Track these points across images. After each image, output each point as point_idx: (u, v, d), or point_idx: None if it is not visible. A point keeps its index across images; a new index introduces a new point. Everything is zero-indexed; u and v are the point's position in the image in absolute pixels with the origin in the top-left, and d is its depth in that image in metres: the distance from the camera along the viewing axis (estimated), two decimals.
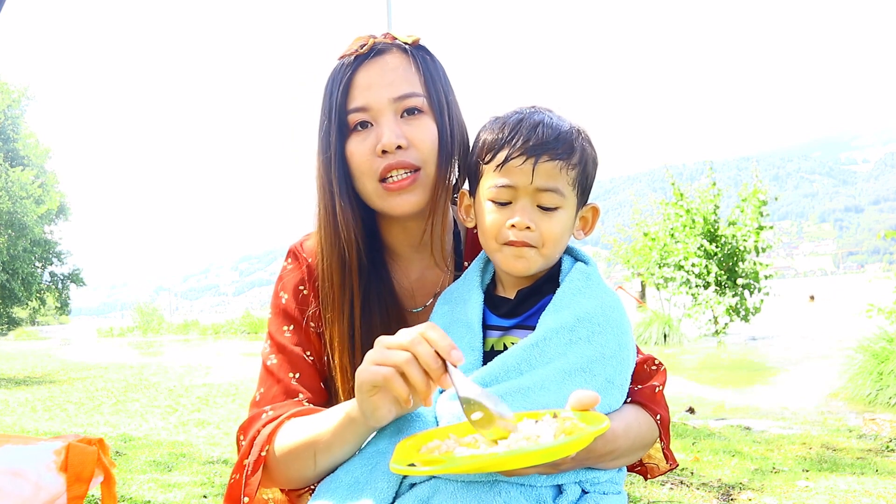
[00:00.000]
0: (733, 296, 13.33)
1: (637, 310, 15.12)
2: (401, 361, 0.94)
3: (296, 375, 1.25)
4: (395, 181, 1.20)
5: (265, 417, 1.19)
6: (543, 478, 1.00)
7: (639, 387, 1.16)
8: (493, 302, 1.17)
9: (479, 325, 1.14)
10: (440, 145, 1.23)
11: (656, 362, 1.21)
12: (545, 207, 1.09)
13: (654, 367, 1.20)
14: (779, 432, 4.78)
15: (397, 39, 1.26)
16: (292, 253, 1.35)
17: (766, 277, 13.40)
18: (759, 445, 4.30)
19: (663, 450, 1.22)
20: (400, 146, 1.19)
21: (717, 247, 13.27)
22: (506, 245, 1.10)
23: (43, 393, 8.73)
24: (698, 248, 13.23)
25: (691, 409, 5.76)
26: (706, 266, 13.24)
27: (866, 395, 6.02)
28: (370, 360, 0.98)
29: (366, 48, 1.23)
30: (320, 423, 1.10)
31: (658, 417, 1.15)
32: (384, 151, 1.19)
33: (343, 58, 1.24)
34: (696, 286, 13.57)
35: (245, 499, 1.12)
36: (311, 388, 1.25)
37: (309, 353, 1.28)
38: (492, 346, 1.14)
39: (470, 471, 0.87)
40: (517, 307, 1.14)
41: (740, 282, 13.19)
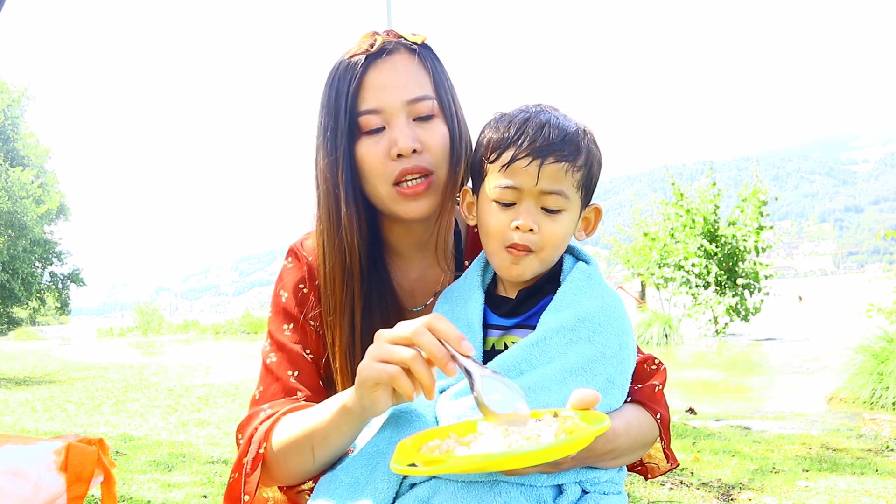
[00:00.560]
0: (733, 296, 13.34)
1: (637, 310, 15.11)
2: (407, 358, 0.93)
3: (295, 373, 1.25)
4: (409, 186, 1.19)
5: (262, 415, 1.19)
6: (544, 478, 1.00)
7: (639, 386, 1.16)
8: (493, 301, 1.17)
9: (480, 324, 1.14)
10: (451, 148, 1.22)
11: (656, 362, 1.21)
12: (549, 210, 1.09)
13: (654, 367, 1.20)
14: (779, 432, 4.78)
15: (402, 38, 1.24)
16: (292, 252, 1.35)
17: (767, 277, 13.42)
18: (759, 445, 4.30)
19: (664, 449, 1.21)
20: (415, 150, 1.18)
21: (717, 247, 13.28)
22: (506, 248, 1.10)
23: (43, 393, 8.73)
24: (698, 248, 13.25)
25: (691, 409, 5.75)
26: (706, 266, 13.25)
27: (866, 396, 6.01)
28: (373, 356, 0.97)
29: (375, 48, 1.20)
30: (316, 415, 1.10)
31: (658, 416, 1.15)
32: (399, 155, 1.18)
33: (353, 57, 1.21)
34: (696, 286, 13.59)
35: (245, 497, 1.12)
36: (310, 387, 1.25)
37: (309, 351, 1.28)
38: (492, 345, 1.14)
39: (470, 471, 0.86)
40: (518, 307, 1.14)
41: (740, 282, 13.20)
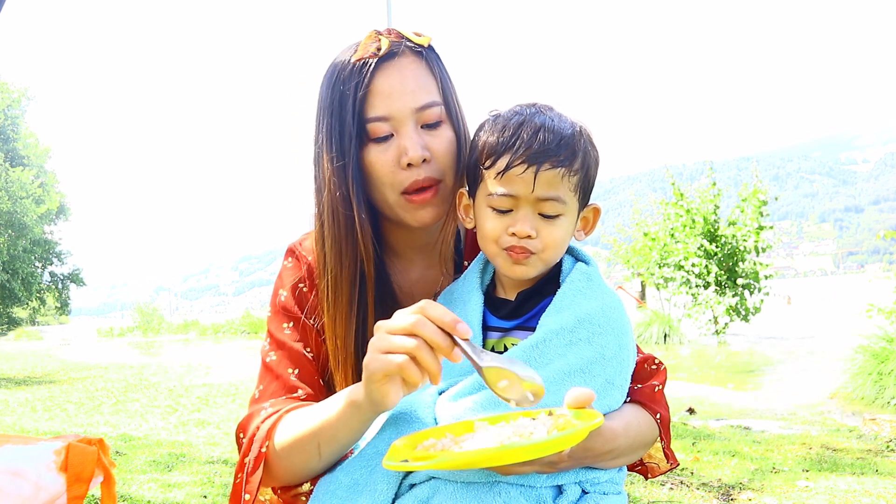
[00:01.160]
0: (733, 296, 13.33)
1: (637, 310, 15.10)
2: (412, 347, 0.93)
3: (295, 371, 1.25)
4: (419, 195, 1.19)
5: (264, 413, 1.19)
6: (543, 478, 1.00)
7: (639, 386, 1.16)
8: (493, 303, 1.17)
9: (479, 326, 1.14)
10: (458, 154, 1.22)
11: (656, 361, 1.21)
12: (547, 215, 1.08)
13: (654, 367, 1.20)
14: (779, 432, 4.78)
15: (406, 38, 1.22)
16: (291, 251, 1.35)
17: (767, 277, 13.41)
18: (758, 445, 4.30)
19: (664, 449, 1.21)
20: (424, 159, 1.18)
21: (717, 247, 13.28)
22: (506, 250, 1.10)
23: (43, 393, 8.73)
24: (698, 248, 13.24)
25: (691, 409, 5.75)
26: (706, 266, 13.25)
27: (866, 396, 6.01)
28: (377, 348, 0.96)
29: (383, 51, 1.18)
30: (322, 413, 1.10)
31: (658, 416, 1.15)
32: (409, 164, 1.17)
33: (359, 60, 1.18)
34: (696, 286, 13.58)
35: (246, 496, 1.12)
36: (310, 384, 1.25)
37: (309, 349, 1.28)
38: (492, 347, 1.14)
39: (461, 466, 0.86)
40: (517, 308, 1.14)
41: (740, 282, 13.19)
